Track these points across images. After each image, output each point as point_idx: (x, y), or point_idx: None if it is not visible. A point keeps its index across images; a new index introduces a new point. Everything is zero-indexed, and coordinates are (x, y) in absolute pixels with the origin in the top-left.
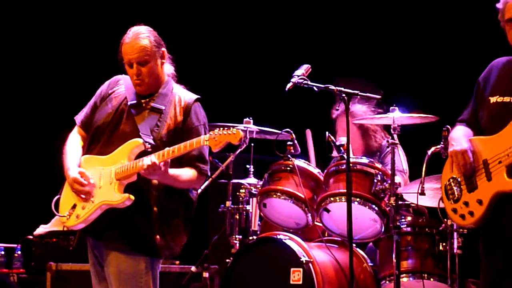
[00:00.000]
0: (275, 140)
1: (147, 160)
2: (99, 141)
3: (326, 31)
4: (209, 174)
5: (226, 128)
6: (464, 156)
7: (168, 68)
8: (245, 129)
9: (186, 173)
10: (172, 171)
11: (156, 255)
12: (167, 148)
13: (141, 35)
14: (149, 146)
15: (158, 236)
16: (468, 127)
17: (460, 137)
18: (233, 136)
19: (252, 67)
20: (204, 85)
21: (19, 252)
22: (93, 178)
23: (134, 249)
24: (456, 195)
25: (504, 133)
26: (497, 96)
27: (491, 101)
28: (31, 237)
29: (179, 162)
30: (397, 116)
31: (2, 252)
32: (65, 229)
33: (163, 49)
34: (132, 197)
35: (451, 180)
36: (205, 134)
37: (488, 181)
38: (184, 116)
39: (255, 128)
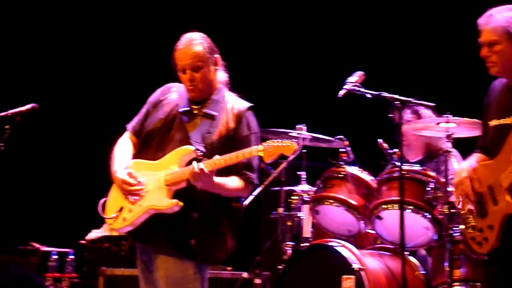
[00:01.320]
0: (328, 147)
1: (195, 165)
2: (150, 146)
3: (382, 38)
4: (257, 183)
5: (280, 140)
6: (463, 188)
7: (221, 75)
8: (298, 135)
9: (233, 182)
10: (218, 180)
11: (196, 260)
12: (218, 157)
13: (194, 41)
14: (201, 153)
15: (193, 240)
16: (483, 153)
17: (461, 168)
18: (287, 148)
19: (306, 74)
20: (257, 91)
21: (72, 257)
22: (142, 182)
23: (181, 253)
24: (472, 223)
25: (501, 155)
26: (495, 120)
27: (491, 125)
28: (83, 242)
29: (227, 169)
30: (452, 125)
31: (55, 257)
32: (116, 234)
33: (217, 55)
34: (181, 203)
35: (466, 209)
36: (257, 143)
37: (495, 205)
38: (236, 123)
39: (308, 135)
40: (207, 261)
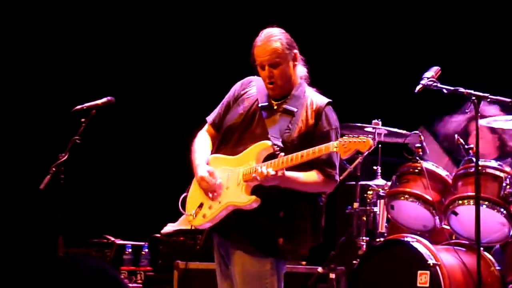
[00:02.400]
0: (404, 142)
1: (260, 170)
2: (229, 141)
3: (459, 33)
4: (337, 179)
5: (356, 136)
6: None
7: (300, 70)
8: (374, 130)
9: (311, 177)
10: (293, 174)
11: (280, 257)
12: (283, 154)
13: (273, 38)
14: (278, 148)
15: (281, 239)
16: None
17: None
18: (363, 144)
19: (383, 69)
20: (334, 85)
21: (146, 250)
22: (221, 178)
23: (259, 250)
24: None
25: None
26: None
27: None
28: (158, 235)
29: (309, 165)
30: None
31: (130, 250)
32: (192, 228)
33: (295, 51)
34: (259, 200)
35: None
36: (336, 138)
37: None
38: (315, 119)
39: (383, 129)
40: (293, 258)
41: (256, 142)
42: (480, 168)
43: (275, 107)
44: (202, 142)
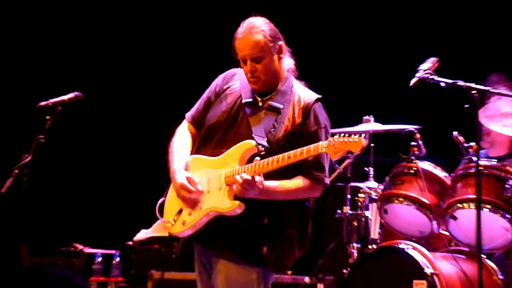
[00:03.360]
0: (397, 140)
1: (238, 177)
2: (211, 141)
3: (456, 24)
4: (327, 182)
5: (347, 135)
6: None
7: (287, 63)
8: (365, 129)
9: (296, 184)
10: (276, 184)
11: (265, 267)
12: (259, 159)
13: (254, 30)
14: (263, 149)
15: (265, 248)
16: None
17: None
18: (354, 145)
19: (374, 60)
20: (321, 79)
21: (118, 259)
22: (201, 182)
23: (244, 259)
24: None
25: None
26: None
27: None
28: (131, 243)
29: (294, 168)
30: None
31: (100, 259)
32: (168, 235)
33: (280, 42)
34: (243, 205)
35: None
36: (326, 138)
37: None
38: (303, 117)
39: (375, 127)
40: (276, 268)
41: (240, 142)
42: (481, 168)
43: (260, 104)
44: (181, 142)
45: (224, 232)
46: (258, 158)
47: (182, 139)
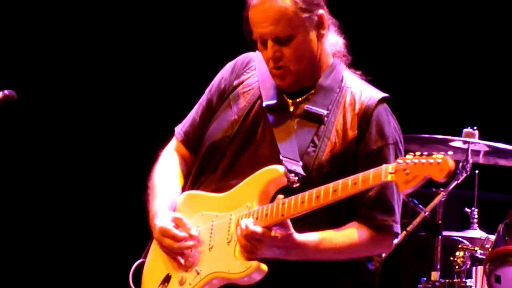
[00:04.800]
0: None
1: (238, 229)
2: (214, 169)
3: None
4: (397, 231)
5: (425, 154)
6: None
7: (333, 43)
8: (466, 146)
9: (349, 237)
10: (316, 238)
11: None
12: (282, 197)
13: None
14: (296, 179)
15: None
16: None
17: None
18: (436, 168)
19: (476, 56)
20: (395, 76)
21: None
22: (201, 233)
23: None
24: None
25: None
26: None
27: None
28: None
29: (344, 211)
30: None
31: None
32: None
33: (321, 11)
34: (265, 267)
35: None
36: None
37: None
38: (359, 128)
39: (482, 144)
40: None
41: (260, 169)
42: None
43: (291, 109)
44: (167, 172)
45: None
46: (281, 196)
47: (168, 167)
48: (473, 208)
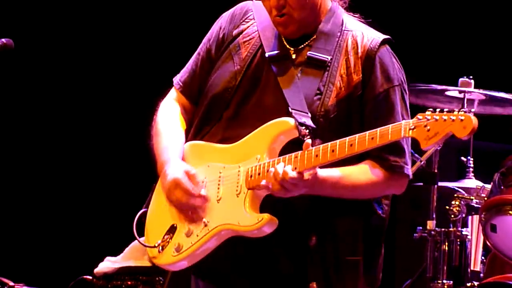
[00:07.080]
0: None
1: (279, 170)
2: (218, 119)
3: None
4: (408, 173)
5: (445, 110)
6: None
7: None
8: (462, 95)
9: (364, 174)
10: (335, 174)
11: None
12: (335, 141)
13: None
14: (307, 131)
15: (314, 285)
16: None
17: None
18: (459, 126)
19: (469, 3)
20: (390, 26)
21: None
22: (207, 185)
23: None
24: None
25: None
26: None
27: None
28: (89, 277)
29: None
30: None
31: None
32: (151, 266)
33: None
34: (275, 220)
35: None
36: (403, 102)
37: None
38: (364, 72)
39: (478, 93)
40: None
41: (267, 119)
42: None
43: (294, 56)
44: (170, 120)
45: (247, 265)
46: (309, 140)
47: (171, 116)
48: (468, 158)
